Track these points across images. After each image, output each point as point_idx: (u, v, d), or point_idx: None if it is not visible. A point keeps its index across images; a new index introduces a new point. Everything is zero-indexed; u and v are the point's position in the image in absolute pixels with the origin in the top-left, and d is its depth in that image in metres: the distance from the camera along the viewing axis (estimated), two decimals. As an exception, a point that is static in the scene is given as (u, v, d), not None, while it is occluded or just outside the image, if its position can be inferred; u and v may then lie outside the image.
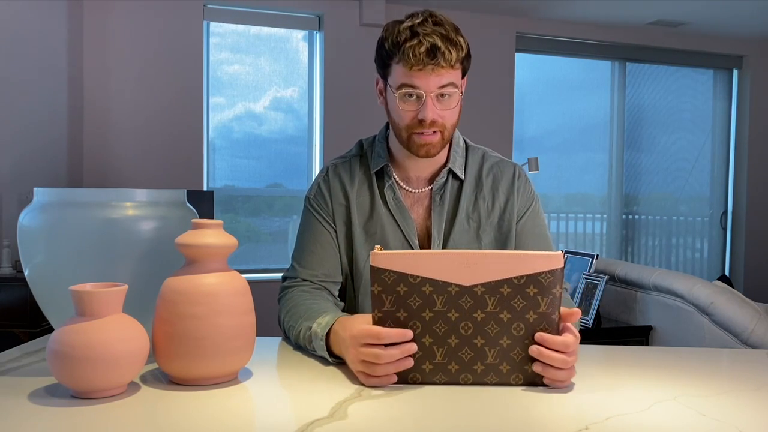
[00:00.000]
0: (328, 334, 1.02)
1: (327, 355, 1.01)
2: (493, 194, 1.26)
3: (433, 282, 0.89)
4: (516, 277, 0.88)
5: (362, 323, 0.93)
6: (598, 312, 2.99)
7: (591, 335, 2.91)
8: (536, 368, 0.90)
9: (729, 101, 5.35)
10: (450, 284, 0.88)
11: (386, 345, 0.89)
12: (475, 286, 0.88)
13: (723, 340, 2.44)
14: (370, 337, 0.89)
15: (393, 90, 1.15)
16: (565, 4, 4.42)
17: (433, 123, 1.14)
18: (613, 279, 3.12)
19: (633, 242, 5.17)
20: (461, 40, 1.13)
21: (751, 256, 5.29)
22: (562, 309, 0.92)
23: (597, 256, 3.21)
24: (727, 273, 5.32)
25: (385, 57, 1.15)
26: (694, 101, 5.29)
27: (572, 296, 3.10)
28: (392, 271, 0.89)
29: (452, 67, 1.12)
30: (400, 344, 0.89)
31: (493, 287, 0.88)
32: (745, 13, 4.53)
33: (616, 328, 3.00)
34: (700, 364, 1.10)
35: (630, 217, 5.16)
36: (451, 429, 0.77)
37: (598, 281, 3.02)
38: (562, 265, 0.89)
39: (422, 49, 1.09)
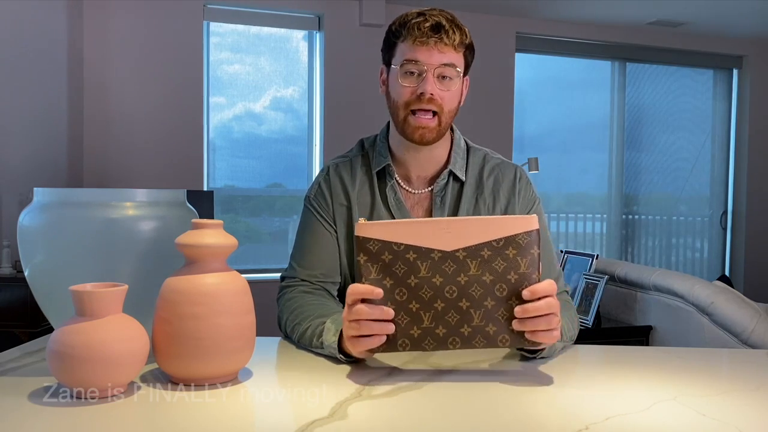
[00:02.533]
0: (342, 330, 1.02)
1: (336, 350, 1.01)
2: (494, 196, 1.26)
3: (416, 249, 0.92)
4: (495, 240, 0.92)
5: None
6: (598, 312, 2.99)
7: (591, 335, 2.91)
8: (515, 325, 0.91)
9: (729, 101, 5.35)
10: (433, 250, 0.92)
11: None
12: (457, 250, 0.92)
13: (723, 340, 2.44)
14: (351, 294, 0.92)
15: (396, 68, 1.17)
16: (565, 4, 4.42)
17: (431, 100, 1.15)
18: (613, 279, 3.12)
19: (633, 242, 5.17)
20: (466, 30, 1.18)
21: (751, 256, 5.29)
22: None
23: (597, 256, 3.21)
24: (727, 273, 5.32)
25: (392, 37, 1.18)
26: (694, 101, 5.28)
27: (572, 296, 3.10)
28: (377, 240, 0.92)
29: (455, 48, 1.15)
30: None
31: (473, 251, 0.92)
32: (745, 13, 4.53)
33: (616, 328, 3.00)
34: (700, 364, 1.10)
35: (630, 217, 5.16)
36: (451, 429, 0.77)
37: (598, 281, 3.02)
38: (537, 227, 0.93)
39: (427, 24, 1.13)
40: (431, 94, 1.14)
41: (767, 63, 5.28)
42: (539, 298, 0.91)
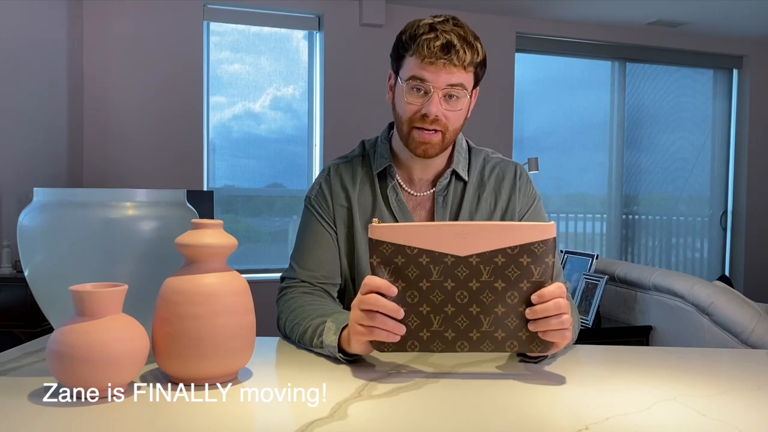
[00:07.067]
0: (342, 330, 1.01)
1: (336, 349, 1.01)
2: (495, 194, 1.26)
3: (429, 253, 0.90)
4: (510, 248, 0.90)
5: None
6: (598, 312, 2.99)
7: (591, 335, 2.91)
8: (530, 326, 0.91)
9: (729, 101, 5.35)
10: (446, 255, 0.90)
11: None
12: (470, 256, 0.90)
13: (723, 340, 2.44)
14: (366, 285, 0.92)
15: (402, 81, 1.15)
16: (565, 4, 4.42)
17: (435, 120, 1.13)
18: (613, 279, 3.12)
19: (633, 242, 5.17)
20: (479, 45, 1.13)
21: (751, 256, 5.29)
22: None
23: (597, 256, 3.21)
24: (727, 273, 5.32)
25: (401, 49, 1.15)
26: (694, 101, 5.28)
27: (572, 296, 3.09)
28: (390, 243, 0.91)
29: (464, 68, 1.12)
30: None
31: (487, 257, 0.90)
32: (745, 13, 4.53)
33: (616, 328, 3.00)
34: (700, 364, 1.10)
35: (630, 217, 5.16)
36: (451, 429, 0.77)
37: (598, 281, 3.02)
38: (555, 235, 0.90)
39: (438, 43, 1.09)
40: (436, 115, 1.12)
41: (767, 63, 5.28)
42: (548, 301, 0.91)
